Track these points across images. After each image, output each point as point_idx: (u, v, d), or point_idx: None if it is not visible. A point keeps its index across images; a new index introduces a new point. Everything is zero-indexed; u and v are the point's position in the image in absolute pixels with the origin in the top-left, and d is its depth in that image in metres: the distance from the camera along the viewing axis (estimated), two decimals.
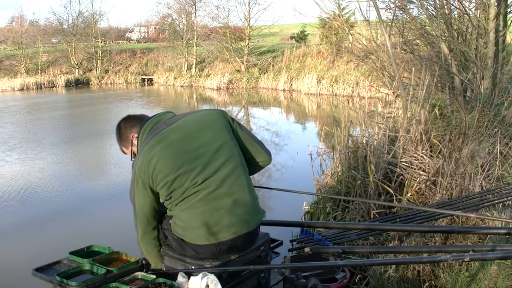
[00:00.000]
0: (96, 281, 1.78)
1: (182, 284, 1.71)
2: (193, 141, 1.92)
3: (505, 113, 5.28)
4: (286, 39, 32.07)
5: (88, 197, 6.23)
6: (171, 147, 1.90)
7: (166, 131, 1.94)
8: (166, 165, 1.87)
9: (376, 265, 2.93)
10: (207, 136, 1.94)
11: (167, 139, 1.92)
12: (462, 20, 6.45)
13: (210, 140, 1.93)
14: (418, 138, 4.51)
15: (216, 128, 1.96)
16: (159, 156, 1.88)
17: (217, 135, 1.95)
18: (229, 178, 1.90)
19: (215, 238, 1.86)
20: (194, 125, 1.96)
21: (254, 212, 1.96)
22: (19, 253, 4.39)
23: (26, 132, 11.82)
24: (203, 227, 1.86)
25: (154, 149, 1.90)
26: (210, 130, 1.95)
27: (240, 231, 1.89)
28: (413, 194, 4.04)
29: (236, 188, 1.91)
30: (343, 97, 17.55)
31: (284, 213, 4.86)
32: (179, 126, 1.96)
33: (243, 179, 1.95)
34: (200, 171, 1.88)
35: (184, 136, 1.93)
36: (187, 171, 1.87)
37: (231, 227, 1.87)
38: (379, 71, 6.62)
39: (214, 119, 1.99)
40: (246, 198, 1.93)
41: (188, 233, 1.89)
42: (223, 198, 1.88)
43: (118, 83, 29.21)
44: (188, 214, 1.89)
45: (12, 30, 33.62)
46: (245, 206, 1.92)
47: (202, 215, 1.86)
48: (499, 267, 2.56)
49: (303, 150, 7.21)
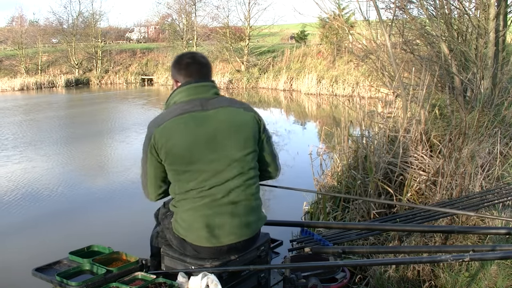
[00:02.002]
0: (96, 281, 1.78)
1: (182, 284, 1.71)
2: (217, 143, 1.87)
3: (505, 113, 5.28)
4: (286, 39, 32.07)
5: (88, 197, 6.23)
6: (196, 137, 1.84)
7: (199, 115, 1.86)
8: (182, 153, 1.83)
9: (376, 265, 2.93)
10: (233, 142, 1.88)
11: (196, 126, 1.85)
12: (462, 20, 6.45)
13: (233, 147, 1.88)
14: (418, 138, 4.51)
15: (245, 136, 1.90)
16: (179, 138, 1.83)
17: (243, 144, 1.90)
18: (238, 188, 1.89)
19: (217, 241, 1.87)
20: (226, 124, 1.88)
21: (256, 219, 1.97)
22: (19, 253, 4.39)
23: (26, 132, 11.82)
24: (205, 229, 1.85)
25: (179, 127, 1.84)
26: (238, 136, 1.89)
27: (240, 236, 1.90)
28: (413, 194, 4.04)
29: (243, 197, 1.90)
30: (343, 97, 17.54)
31: (284, 213, 4.87)
32: (213, 117, 1.87)
33: (252, 189, 1.94)
34: (210, 176, 1.85)
35: (212, 132, 1.86)
36: (198, 171, 1.85)
37: (233, 233, 1.88)
38: (379, 71, 6.62)
39: (247, 124, 1.92)
40: (250, 206, 1.93)
41: (190, 233, 1.89)
42: (228, 205, 1.88)
43: (118, 83, 29.19)
44: (191, 216, 1.88)
45: (12, 30, 33.57)
46: (248, 213, 1.92)
47: (205, 218, 1.86)
48: (499, 267, 2.56)
49: (303, 150, 7.21)
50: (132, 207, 5.65)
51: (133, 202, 5.85)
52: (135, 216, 5.20)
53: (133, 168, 7.25)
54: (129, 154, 8.99)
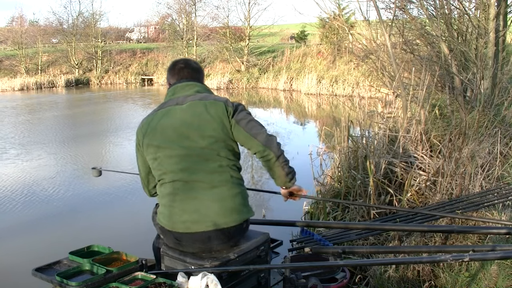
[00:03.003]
0: (96, 281, 1.78)
1: (182, 284, 1.71)
2: (182, 132, 1.95)
3: (505, 113, 5.28)
4: (286, 39, 32.07)
5: (88, 197, 6.23)
6: (163, 128, 1.98)
7: (172, 109, 2.00)
8: (151, 142, 1.99)
9: (376, 265, 2.93)
10: (198, 132, 1.94)
11: (165, 118, 1.99)
12: (462, 20, 6.45)
13: (198, 136, 1.94)
14: (418, 138, 4.51)
15: (210, 126, 1.94)
16: (151, 130, 2.00)
17: (208, 134, 1.94)
18: (206, 176, 1.93)
19: (190, 227, 1.91)
20: (191, 115, 1.96)
21: (230, 208, 1.93)
22: (19, 253, 4.39)
23: (26, 132, 11.82)
24: (176, 216, 1.93)
25: (152, 122, 2.02)
26: (203, 126, 1.94)
27: (200, 228, 1.90)
28: (413, 194, 4.04)
29: (212, 184, 1.92)
30: (343, 97, 17.55)
31: (284, 213, 4.86)
32: (182, 110, 1.98)
33: (223, 176, 1.95)
34: (175, 163, 1.94)
35: (178, 123, 1.97)
36: (166, 158, 1.96)
37: (190, 222, 1.91)
38: (379, 71, 6.63)
39: (214, 114, 1.95)
40: (222, 194, 1.93)
41: (166, 221, 1.97)
42: (195, 192, 1.92)
43: (118, 83, 29.20)
44: (164, 203, 1.99)
45: (12, 30, 33.57)
46: (221, 201, 1.92)
47: (176, 204, 1.94)
48: (499, 267, 2.56)
49: (303, 150, 7.20)
50: (132, 207, 5.65)
51: (133, 202, 5.85)
52: (135, 216, 5.20)
53: (134, 168, 7.24)
54: (129, 154, 9.01)
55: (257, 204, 5.26)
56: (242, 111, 2.02)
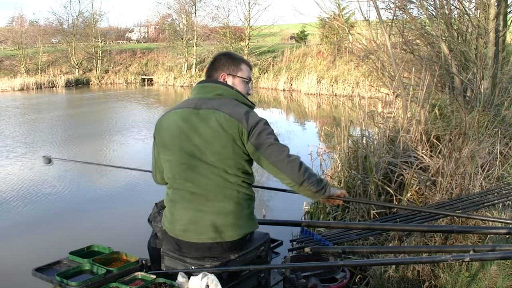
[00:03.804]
0: (96, 281, 1.78)
1: (182, 284, 1.71)
2: (194, 141, 1.90)
3: (505, 113, 5.28)
4: (286, 39, 32.08)
5: (88, 197, 6.23)
6: (177, 131, 1.95)
7: (188, 111, 1.96)
8: (164, 142, 2.00)
9: (376, 265, 2.93)
10: (208, 144, 1.88)
11: (181, 121, 1.95)
12: (462, 20, 6.46)
13: (207, 148, 1.88)
14: (418, 138, 4.51)
15: (220, 142, 1.87)
16: (166, 129, 2.00)
17: (218, 149, 1.87)
18: (209, 189, 1.90)
19: (192, 237, 1.91)
20: (205, 125, 1.89)
21: (227, 223, 1.90)
22: (19, 253, 4.39)
23: (26, 132, 11.82)
24: (178, 223, 1.94)
25: (168, 120, 2.00)
26: (213, 140, 1.87)
27: (201, 239, 1.89)
28: (413, 194, 4.03)
29: (215, 198, 1.89)
30: (343, 97, 17.55)
31: (284, 213, 4.86)
32: (198, 116, 1.92)
33: (228, 193, 1.90)
34: (182, 170, 1.93)
35: (191, 130, 1.92)
36: (175, 163, 1.96)
37: (191, 232, 1.91)
38: (379, 71, 6.62)
39: (225, 131, 1.86)
40: (226, 211, 1.90)
41: (169, 225, 1.98)
42: (197, 203, 1.91)
43: (118, 83, 29.20)
44: (168, 207, 2.01)
45: (12, 30, 33.59)
46: (221, 219, 1.89)
47: (179, 211, 1.95)
48: (499, 267, 2.56)
49: (303, 150, 7.19)
50: (132, 207, 5.65)
51: (133, 202, 5.85)
52: (135, 216, 5.19)
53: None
54: (130, 154, 9.01)
55: (257, 204, 5.25)
56: (261, 133, 1.86)
